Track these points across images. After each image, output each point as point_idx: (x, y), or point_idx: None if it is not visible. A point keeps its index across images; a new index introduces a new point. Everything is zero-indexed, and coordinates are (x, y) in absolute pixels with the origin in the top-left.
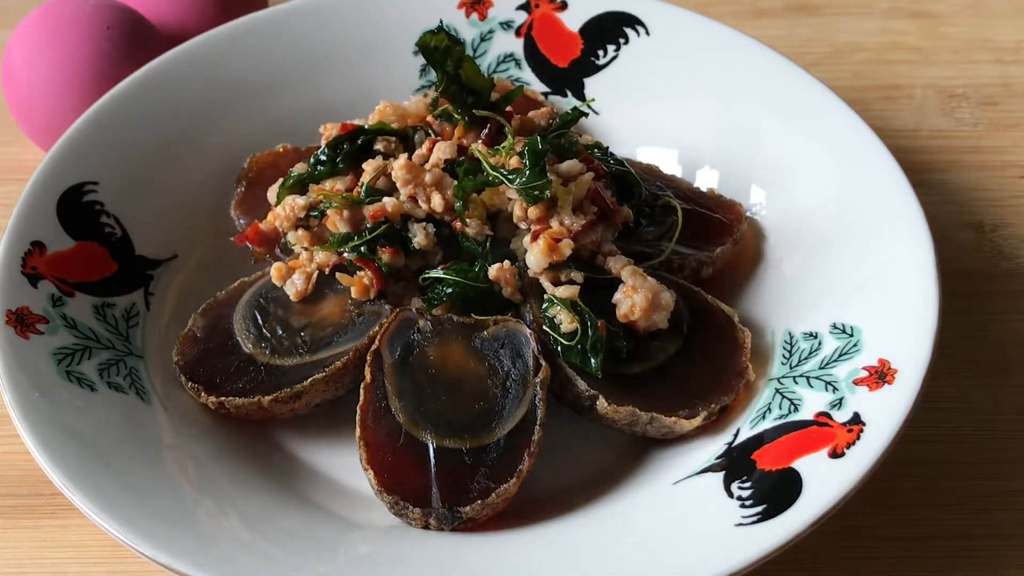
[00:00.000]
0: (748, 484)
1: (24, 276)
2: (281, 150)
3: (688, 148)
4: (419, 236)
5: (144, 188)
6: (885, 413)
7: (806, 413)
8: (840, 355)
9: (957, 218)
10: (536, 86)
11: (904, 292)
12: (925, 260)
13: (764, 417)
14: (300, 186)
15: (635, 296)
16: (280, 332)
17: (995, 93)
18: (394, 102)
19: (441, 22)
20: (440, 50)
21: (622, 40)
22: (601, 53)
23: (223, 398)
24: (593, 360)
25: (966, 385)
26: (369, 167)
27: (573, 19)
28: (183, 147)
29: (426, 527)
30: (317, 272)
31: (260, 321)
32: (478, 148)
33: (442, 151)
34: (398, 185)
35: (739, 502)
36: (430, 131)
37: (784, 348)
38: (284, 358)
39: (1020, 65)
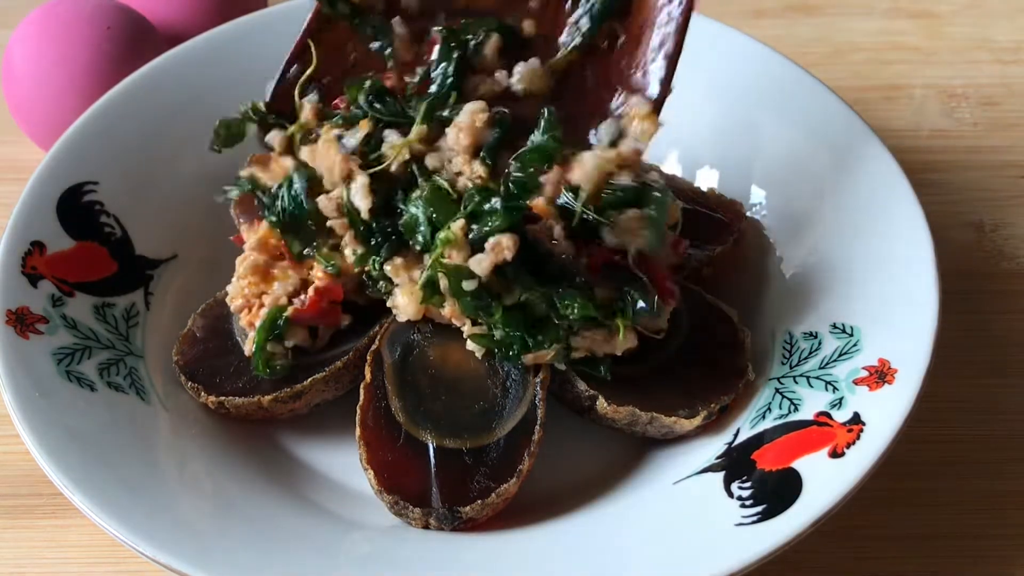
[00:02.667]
0: (748, 484)
1: (24, 276)
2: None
3: (688, 148)
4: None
5: (144, 188)
6: (885, 413)
7: (806, 413)
8: (840, 355)
9: (957, 218)
10: None
11: (904, 292)
12: (925, 260)
13: (764, 417)
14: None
15: None
16: None
17: (995, 93)
18: None
19: None
20: None
21: None
22: None
23: (223, 398)
24: (601, 363)
25: (966, 385)
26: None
27: None
28: (183, 147)
29: (426, 527)
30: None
31: None
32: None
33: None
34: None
35: (739, 502)
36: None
37: (784, 348)
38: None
39: (1020, 65)
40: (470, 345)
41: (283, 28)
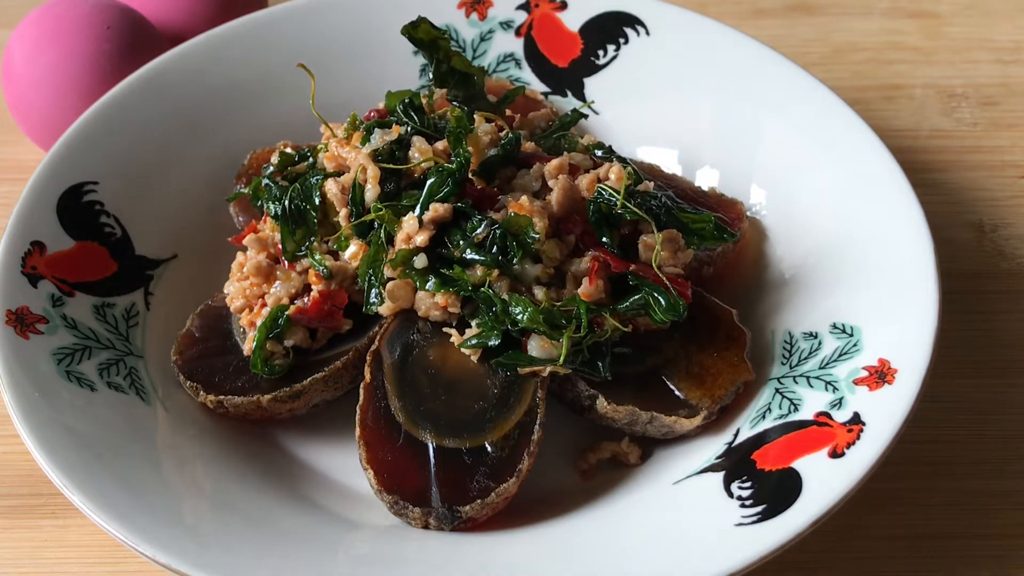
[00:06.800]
0: (748, 484)
1: (24, 276)
2: (282, 147)
3: (688, 148)
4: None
5: (144, 188)
6: (885, 413)
7: (806, 413)
8: (840, 355)
9: (957, 218)
10: (536, 86)
11: (904, 292)
12: (925, 260)
13: (764, 417)
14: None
15: None
16: None
17: (995, 93)
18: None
19: (420, 18)
20: (427, 43)
21: (622, 40)
22: (601, 53)
23: (221, 397)
24: (600, 362)
25: (966, 385)
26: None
27: (573, 19)
28: (183, 147)
29: (426, 527)
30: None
31: None
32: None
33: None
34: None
35: (739, 502)
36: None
37: (784, 348)
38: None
39: (1020, 65)
40: (464, 350)
41: (283, 28)
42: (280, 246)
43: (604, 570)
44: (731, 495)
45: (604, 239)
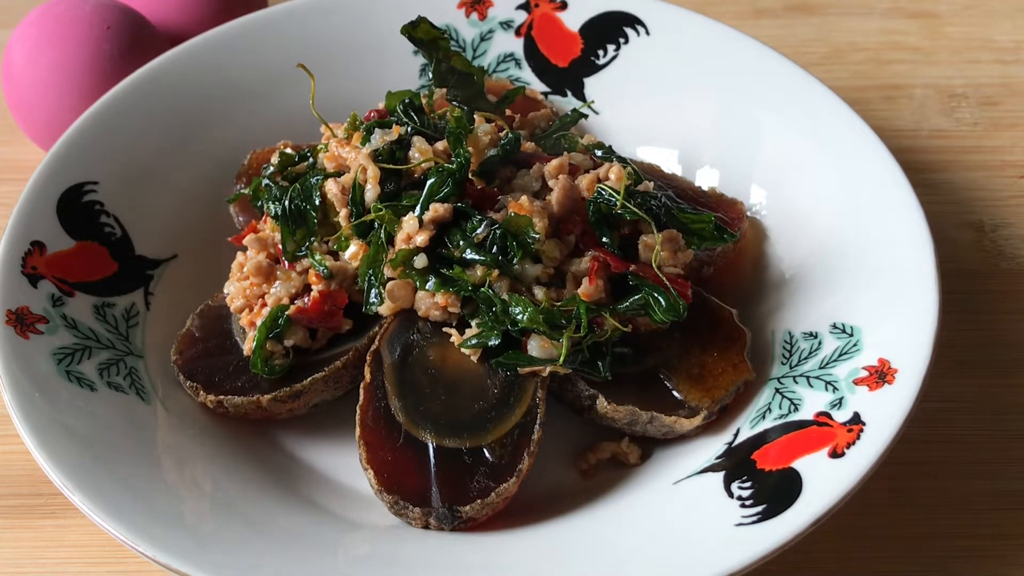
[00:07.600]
0: (748, 484)
1: (24, 276)
2: (282, 147)
3: (688, 148)
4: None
5: (144, 188)
6: (885, 413)
7: (806, 413)
8: (840, 355)
9: (957, 218)
10: (536, 86)
11: (904, 292)
12: (925, 260)
13: (764, 417)
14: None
15: None
16: None
17: (995, 93)
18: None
19: (420, 17)
20: (427, 42)
21: (622, 40)
22: (601, 53)
23: (221, 397)
24: (601, 362)
25: (966, 385)
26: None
27: (573, 19)
28: (183, 147)
29: (426, 527)
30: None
31: None
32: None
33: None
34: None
35: (739, 502)
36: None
37: (784, 348)
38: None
39: (1020, 65)
40: (464, 350)
41: (283, 28)
42: (280, 246)
43: (604, 570)
44: (731, 495)
45: (604, 239)
